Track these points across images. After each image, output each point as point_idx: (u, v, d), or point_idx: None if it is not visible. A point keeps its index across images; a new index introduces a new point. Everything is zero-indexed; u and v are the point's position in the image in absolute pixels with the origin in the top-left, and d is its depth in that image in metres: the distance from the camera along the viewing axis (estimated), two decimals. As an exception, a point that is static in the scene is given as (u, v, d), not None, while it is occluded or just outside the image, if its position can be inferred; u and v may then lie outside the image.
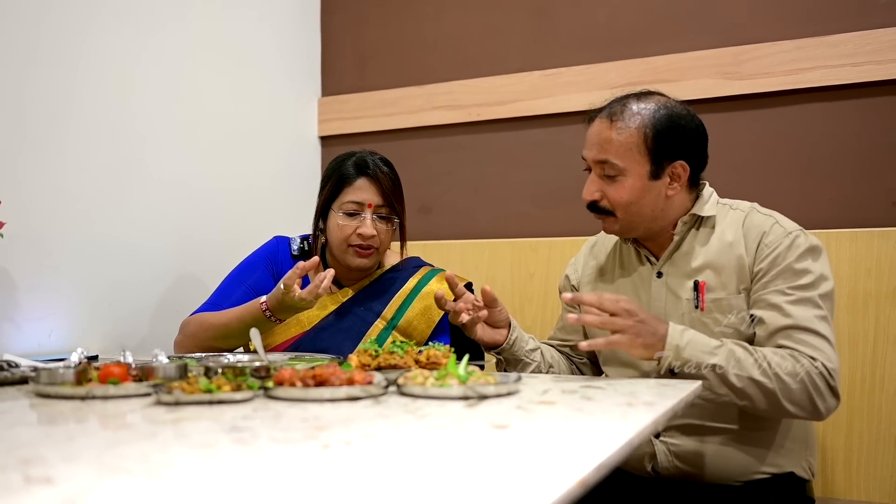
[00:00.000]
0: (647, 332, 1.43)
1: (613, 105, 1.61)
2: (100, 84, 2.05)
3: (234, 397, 1.20)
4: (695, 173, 1.61)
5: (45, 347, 1.87)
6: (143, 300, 2.13)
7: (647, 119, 1.56)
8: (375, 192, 1.84)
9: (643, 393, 1.29)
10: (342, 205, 1.84)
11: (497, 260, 2.52)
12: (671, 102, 1.61)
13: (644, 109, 1.57)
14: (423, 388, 1.25)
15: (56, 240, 1.92)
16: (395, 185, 1.87)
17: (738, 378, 1.44)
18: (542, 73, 2.53)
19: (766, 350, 1.47)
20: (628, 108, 1.58)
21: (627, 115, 1.57)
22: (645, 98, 1.60)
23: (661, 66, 2.37)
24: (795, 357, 1.45)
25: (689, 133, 1.58)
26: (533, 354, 1.70)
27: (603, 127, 1.59)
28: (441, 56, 2.70)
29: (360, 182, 1.84)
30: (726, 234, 1.59)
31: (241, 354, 1.55)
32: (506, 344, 1.66)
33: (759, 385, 1.43)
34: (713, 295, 1.57)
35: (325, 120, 2.86)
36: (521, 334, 1.69)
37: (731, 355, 1.44)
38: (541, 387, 1.36)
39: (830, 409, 1.46)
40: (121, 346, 2.05)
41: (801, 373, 1.43)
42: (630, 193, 1.57)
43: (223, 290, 1.89)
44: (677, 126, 1.57)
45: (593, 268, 1.78)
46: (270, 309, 1.72)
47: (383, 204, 1.85)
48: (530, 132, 2.57)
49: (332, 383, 1.23)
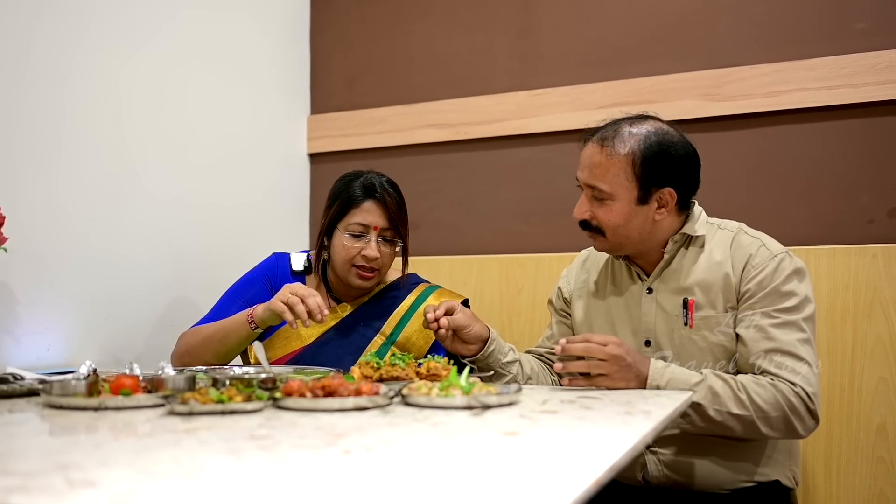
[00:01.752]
0: (631, 375, 1.50)
1: (607, 129, 1.65)
2: (95, 101, 2.07)
3: (245, 407, 1.23)
4: (683, 199, 1.66)
5: (44, 361, 1.88)
6: (139, 314, 2.15)
7: (636, 145, 1.60)
8: (381, 216, 1.88)
9: (639, 403, 1.34)
10: (348, 226, 1.87)
11: (485, 275, 2.56)
12: (664, 128, 1.64)
13: (635, 135, 1.61)
14: (429, 398, 1.29)
15: (54, 255, 1.94)
16: (401, 209, 1.91)
17: (717, 413, 1.50)
18: (529, 94, 2.58)
19: (746, 379, 1.53)
20: (620, 132, 1.62)
21: (618, 141, 1.61)
22: (638, 123, 1.64)
23: (645, 87, 2.44)
24: (775, 385, 1.51)
25: (678, 160, 1.63)
26: (509, 367, 1.74)
27: (594, 151, 1.64)
28: (429, 75, 2.75)
29: (368, 205, 1.88)
30: (715, 253, 1.65)
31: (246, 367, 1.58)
32: (480, 355, 1.71)
33: (737, 417, 1.50)
34: (702, 313, 1.62)
35: (314, 137, 2.89)
36: (500, 346, 1.73)
37: (709, 391, 1.50)
38: (540, 397, 1.41)
39: (809, 429, 1.53)
40: (116, 360, 2.07)
41: (781, 399, 1.49)
42: (618, 217, 1.62)
43: (221, 306, 1.92)
44: (667, 153, 1.61)
45: (585, 282, 1.83)
46: (255, 315, 1.74)
47: (389, 227, 1.89)
48: (517, 150, 2.62)
49: (340, 394, 1.27)
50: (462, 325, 1.67)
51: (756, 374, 1.54)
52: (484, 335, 1.70)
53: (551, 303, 1.92)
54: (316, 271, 1.97)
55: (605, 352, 1.48)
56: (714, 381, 1.52)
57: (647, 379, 1.51)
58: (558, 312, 1.89)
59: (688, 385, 1.51)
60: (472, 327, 1.68)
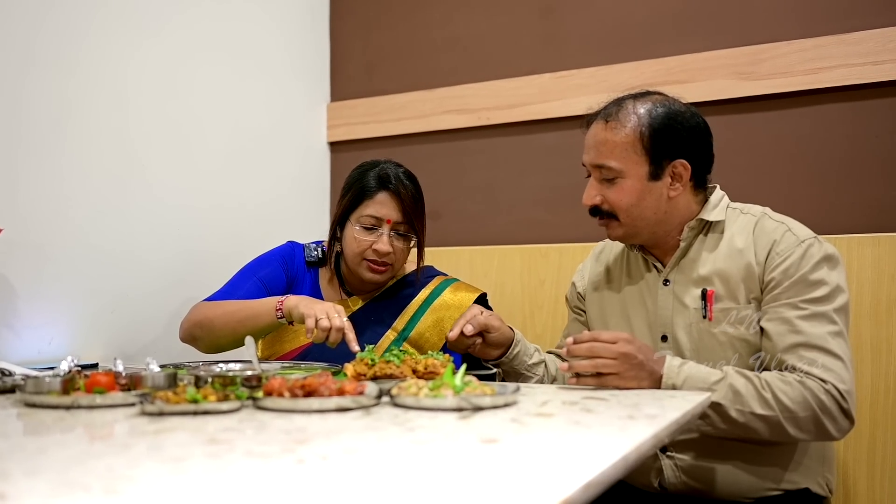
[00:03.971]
0: (643, 375, 1.39)
1: (610, 107, 1.56)
2: (102, 89, 2.03)
3: (219, 408, 1.16)
4: (698, 173, 1.55)
5: (46, 355, 1.84)
6: (147, 309, 2.10)
7: (643, 118, 1.51)
8: (395, 209, 1.79)
9: (647, 405, 1.23)
10: (360, 218, 1.79)
11: (507, 267, 2.47)
12: (669, 101, 1.56)
13: (640, 108, 1.52)
14: (416, 398, 1.20)
15: (57, 247, 1.90)
16: (417, 202, 1.82)
17: (739, 413, 1.39)
18: (553, 76, 2.47)
19: (771, 376, 1.41)
20: (624, 108, 1.53)
21: (623, 116, 1.52)
22: (642, 98, 1.55)
23: (675, 66, 2.31)
24: (803, 382, 1.38)
25: (688, 131, 1.53)
26: (535, 368, 1.65)
27: (599, 129, 1.55)
28: (450, 59, 2.66)
29: (381, 196, 1.79)
30: (736, 240, 1.53)
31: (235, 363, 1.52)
32: (504, 358, 1.62)
33: (761, 418, 1.38)
34: (722, 305, 1.50)
35: (334, 126, 2.83)
36: (525, 348, 1.64)
37: (730, 390, 1.39)
38: (541, 397, 1.31)
39: (843, 430, 1.39)
40: (123, 355, 2.03)
41: (810, 398, 1.37)
42: (630, 195, 1.52)
43: (234, 282, 1.85)
44: (675, 124, 1.52)
45: (600, 275, 1.72)
46: (285, 305, 1.65)
47: (402, 221, 1.80)
48: (541, 136, 2.51)
49: (321, 394, 1.19)
50: (493, 326, 1.58)
51: (783, 371, 1.42)
52: (509, 336, 1.61)
53: (567, 299, 1.81)
54: (328, 264, 1.90)
55: (612, 350, 1.38)
56: (736, 379, 1.40)
57: (662, 378, 1.40)
58: (573, 310, 1.78)
59: (706, 384, 1.39)
60: (500, 329, 1.60)
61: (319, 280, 1.91)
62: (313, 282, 1.90)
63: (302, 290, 1.89)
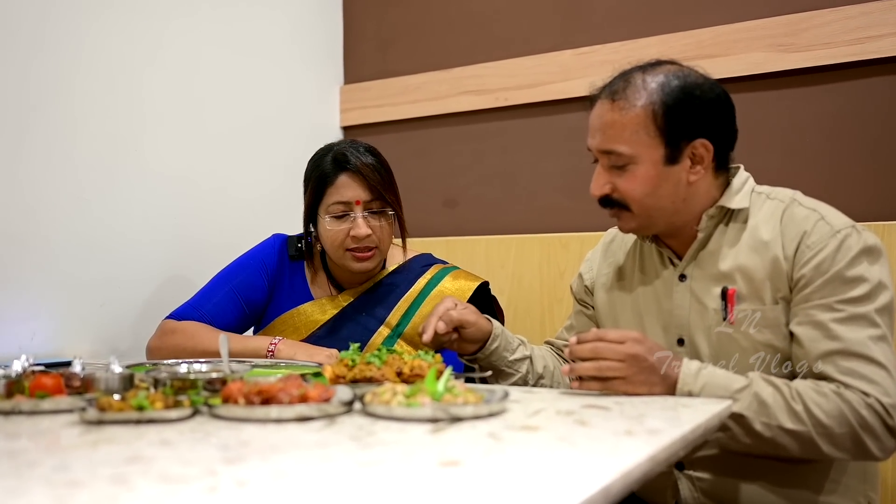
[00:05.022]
0: (655, 379, 1.23)
1: (615, 82, 1.38)
2: (91, 67, 1.93)
3: (166, 416, 1.05)
4: (721, 153, 1.37)
5: (28, 351, 1.74)
6: (140, 301, 2.00)
7: (655, 93, 1.32)
8: (361, 187, 1.66)
9: (654, 416, 1.08)
10: (328, 208, 1.67)
11: (524, 257, 2.32)
12: (685, 71, 1.36)
13: (651, 82, 1.33)
14: (388, 407, 1.06)
15: (41, 236, 1.81)
16: (383, 175, 1.68)
17: (765, 427, 1.21)
18: (575, 52, 2.31)
19: (803, 385, 1.23)
20: (632, 83, 1.35)
21: (632, 92, 1.34)
22: (652, 70, 1.36)
23: (706, 39, 2.13)
24: (841, 394, 1.20)
25: (708, 105, 1.34)
26: (517, 365, 1.50)
27: (604, 109, 1.36)
28: (466, 37, 2.52)
29: (342, 179, 1.66)
30: (761, 230, 1.35)
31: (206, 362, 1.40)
32: (480, 354, 1.47)
33: (791, 433, 1.21)
34: (745, 305, 1.33)
35: (347, 109, 2.70)
36: (506, 343, 1.49)
37: (755, 400, 1.22)
38: (535, 405, 1.16)
39: (888, 450, 1.21)
40: (114, 350, 1.93)
41: (848, 412, 1.19)
42: (643, 184, 1.34)
43: (206, 292, 1.75)
44: (693, 98, 1.33)
45: (609, 268, 1.55)
46: (278, 351, 1.60)
47: (372, 198, 1.67)
48: (562, 117, 2.35)
49: (279, 401, 1.06)
50: (468, 322, 1.44)
51: (816, 381, 1.24)
52: (486, 331, 1.46)
53: (571, 289, 1.65)
54: (309, 260, 1.77)
55: (619, 351, 1.22)
56: (762, 388, 1.23)
57: (677, 383, 1.24)
58: (579, 302, 1.62)
59: (728, 392, 1.23)
60: (476, 324, 1.45)
61: (306, 276, 1.78)
62: (300, 277, 1.78)
63: (286, 287, 1.77)
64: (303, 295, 1.76)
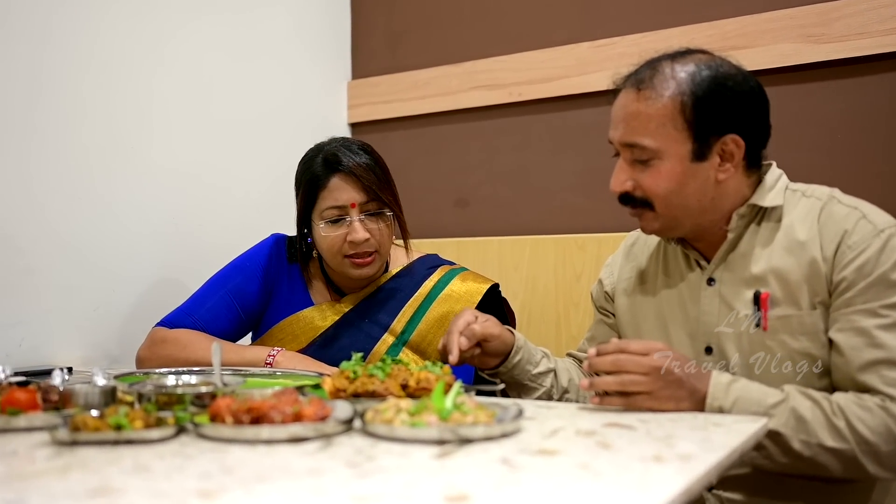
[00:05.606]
0: (682, 394, 1.13)
1: (642, 70, 1.29)
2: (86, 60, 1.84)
3: (146, 436, 0.95)
4: (752, 150, 1.27)
5: (15, 359, 1.67)
6: (134, 305, 1.91)
7: (684, 84, 1.23)
8: (356, 189, 1.56)
9: (684, 437, 0.97)
10: (322, 213, 1.57)
11: (539, 259, 2.22)
12: (717, 61, 1.27)
13: (681, 72, 1.24)
14: (390, 426, 0.97)
15: (29, 237, 1.73)
16: (378, 174, 1.58)
17: (803, 445, 1.12)
18: (592, 45, 2.22)
19: (845, 399, 1.14)
20: (660, 72, 1.25)
21: (659, 82, 1.24)
22: (682, 59, 1.27)
23: (732, 30, 2.02)
24: (887, 407, 1.11)
25: (741, 98, 1.25)
26: (541, 379, 1.40)
27: (629, 99, 1.27)
28: (479, 30, 2.42)
29: (335, 181, 1.56)
30: (796, 230, 1.25)
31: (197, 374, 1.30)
32: (502, 368, 1.38)
33: (832, 452, 1.11)
34: (779, 311, 1.23)
35: (355, 105, 2.61)
36: (529, 355, 1.40)
37: (792, 416, 1.12)
38: (553, 424, 1.06)
39: None
40: (108, 356, 1.85)
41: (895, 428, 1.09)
42: (668, 180, 1.24)
43: (200, 297, 1.66)
44: (725, 89, 1.23)
45: (631, 273, 1.45)
46: (274, 364, 1.51)
47: (368, 199, 1.57)
48: (579, 113, 2.26)
49: (271, 420, 0.96)
50: (492, 335, 1.34)
51: (859, 394, 1.14)
52: (510, 343, 1.37)
53: (592, 296, 1.55)
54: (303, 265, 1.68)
55: (643, 364, 1.12)
56: (799, 403, 1.13)
57: (706, 398, 1.14)
58: (599, 310, 1.52)
59: (762, 407, 1.13)
60: (500, 337, 1.35)
61: (305, 280, 1.69)
62: (298, 281, 1.68)
63: (284, 291, 1.67)
64: (302, 300, 1.67)
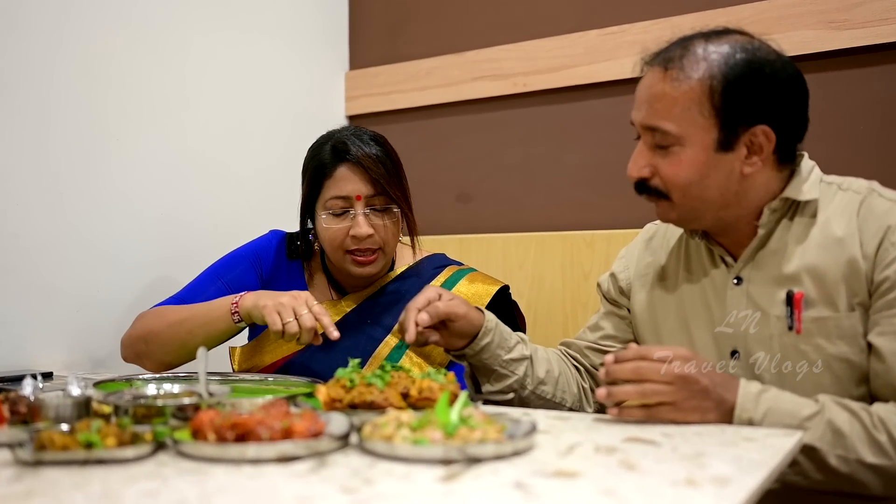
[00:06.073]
0: (708, 405, 1.05)
1: (672, 48, 1.19)
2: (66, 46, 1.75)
3: (120, 455, 0.86)
4: (785, 144, 1.18)
5: (-7, 363, 1.58)
6: (120, 305, 1.81)
7: (715, 66, 1.14)
8: (362, 181, 1.47)
9: (714, 456, 0.88)
10: (326, 203, 1.48)
11: (546, 256, 2.14)
12: (755, 44, 1.18)
13: (713, 53, 1.15)
14: (390, 444, 0.87)
15: (7, 233, 1.64)
16: (388, 167, 1.49)
17: (841, 461, 1.03)
18: (601, 33, 2.13)
19: (886, 410, 1.05)
20: (691, 51, 1.16)
21: (689, 62, 1.15)
22: (717, 38, 1.17)
23: (749, 15, 1.94)
24: None
25: (777, 86, 1.15)
26: (513, 366, 1.30)
27: (655, 78, 1.18)
28: (482, 17, 2.34)
29: (342, 171, 1.47)
30: (833, 225, 1.16)
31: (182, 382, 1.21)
32: (468, 349, 1.28)
33: (872, 469, 1.03)
34: (814, 312, 1.14)
35: (352, 97, 2.52)
36: (501, 339, 1.30)
37: (828, 429, 1.04)
38: (568, 438, 0.97)
39: None
40: (92, 360, 1.76)
41: None
42: (689, 170, 1.15)
43: (195, 285, 1.57)
44: (760, 75, 1.14)
45: (649, 268, 1.36)
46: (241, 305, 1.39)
47: (375, 193, 1.47)
48: (587, 104, 2.17)
49: (258, 436, 0.87)
50: (456, 314, 1.25)
51: None
52: (477, 323, 1.28)
53: (599, 287, 1.45)
54: (305, 259, 1.59)
55: (666, 372, 1.03)
56: (836, 414, 1.04)
57: (735, 409, 1.05)
58: (608, 301, 1.42)
59: (796, 419, 1.04)
60: (466, 316, 1.26)
61: (305, 276, 1.60)
62: (298, 279, 1.60)
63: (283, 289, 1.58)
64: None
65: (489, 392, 1.31)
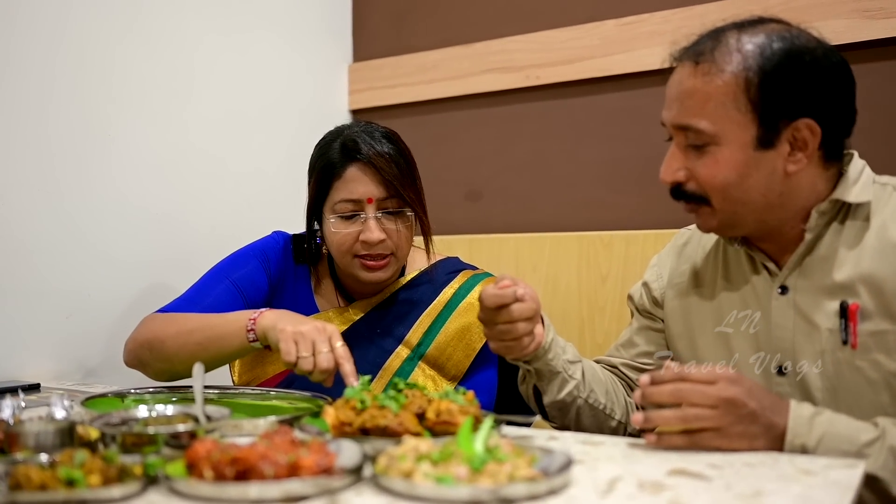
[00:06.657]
0: (756, 430, 0.95)
1: (703, 41, 1.11)
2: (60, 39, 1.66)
3: (104, 495, 0.77)
4: (831, 138, 1.08)
5: (-24, 373, 1.48)
6: (113, 312, 1.71)
7: (751, 57, 1.05)
8: (374, 182, 1.36)
9: (775, 494, 0.79)
10: (334, 206, 1.38)
11: (561, 258, 2.05)
12: (793, 32, 1.09)
13: (748, 44, 1.06)
14: (409, 481, 0.78)
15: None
16: (401, 166, 1.39)
17: None
18: (618, 23, 2.04)
19: None
20: (724, 43, 1.08)
21: (721, 54, 1.07)
22: (752, 28, 1.09)
23: (776, 4, 1.85)
24: None
25: (819, 76, 1.06)
26: (572, 369, 1.21)
27: (685, 74, 1.09)
28: (492, 7, 2.25)
29: (352, 172, 1.37)
30: (890, 229, 1.07)
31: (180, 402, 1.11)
32: (539, 350, 1.17)
33: None
34: (871, 325, 1.04)
35: (356, 90, 2.43)
36: (557, 337, 1.21)
37: (891, 455, 0.95)
38: (606, 471, 0.87)
39: None
40: (82, 369, 1.67)
41: None
42: (727, 170, 1.07)
43: (201, 286, 1.46)
44: (800, 65, 1.05)
45: (684, 276, 1.26)
46: (259, 324, 1.25)
47: (387, 196, 1.37)
48: (603, 97, 2.08)
49: (261, 473, 0.77)
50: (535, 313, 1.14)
51: None
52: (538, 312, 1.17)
53: (631, 299, 1.35)
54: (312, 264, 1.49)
55: (710, 395, 0.94)
56: None
57: (786, 435, 0.96)
58: (641, 314, 1.32)
59: (854, 445, 0.95)
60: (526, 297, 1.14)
61: (311, 282, 1.50)
62: (304, 284, 1.50)
63: (289, 294, 1.48)
64: (306, 306, 1.48)
65: (551, 403, 1.20)
